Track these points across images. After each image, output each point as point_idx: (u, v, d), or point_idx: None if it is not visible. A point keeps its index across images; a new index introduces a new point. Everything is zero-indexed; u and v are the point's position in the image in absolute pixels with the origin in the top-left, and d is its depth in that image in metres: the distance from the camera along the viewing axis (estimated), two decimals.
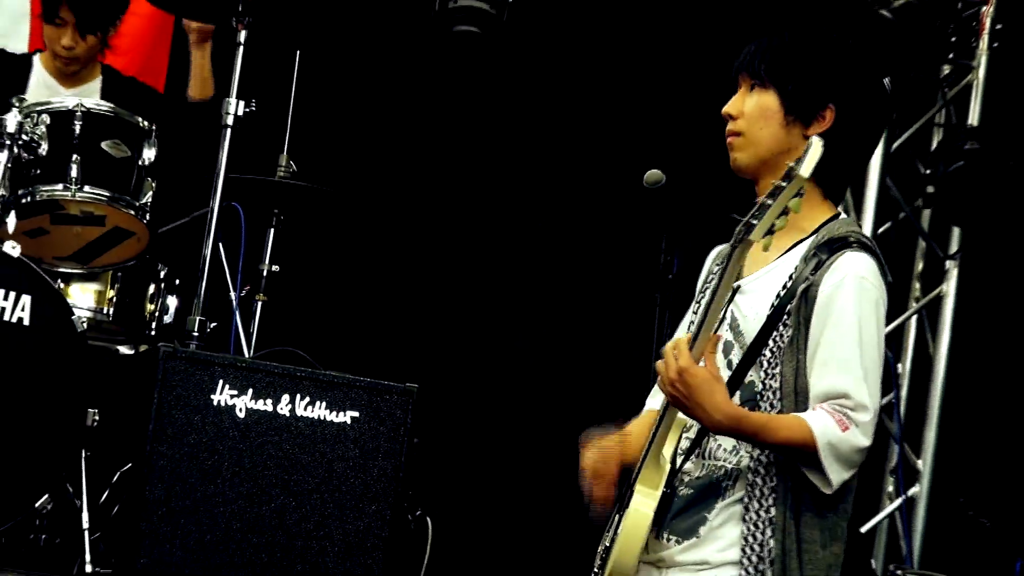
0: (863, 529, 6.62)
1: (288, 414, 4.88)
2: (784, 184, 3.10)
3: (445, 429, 6.59)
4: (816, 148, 3.08)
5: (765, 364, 3.37)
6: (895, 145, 6.88)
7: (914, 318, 6.90)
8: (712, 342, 3.27)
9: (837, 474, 3.27)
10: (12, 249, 4.94)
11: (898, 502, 6.64)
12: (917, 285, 6.95)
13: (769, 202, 3.11)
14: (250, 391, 4.87)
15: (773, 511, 3.32)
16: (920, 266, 6.98)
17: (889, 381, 6.60)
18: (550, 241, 7.27)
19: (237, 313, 5.85)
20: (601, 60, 7.19)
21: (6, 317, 4.91)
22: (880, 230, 6.78)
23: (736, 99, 3.53)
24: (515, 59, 7.16)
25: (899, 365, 6.87)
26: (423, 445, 5.34)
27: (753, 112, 3.49)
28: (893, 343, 6.80)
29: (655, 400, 3.63)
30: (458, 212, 7.29)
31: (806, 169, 3.06)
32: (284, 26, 6.01)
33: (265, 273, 6.08)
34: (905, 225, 6.89)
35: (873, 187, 6.76)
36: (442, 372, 6.76)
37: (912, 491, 6.68)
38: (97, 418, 5.06)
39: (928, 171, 6.77)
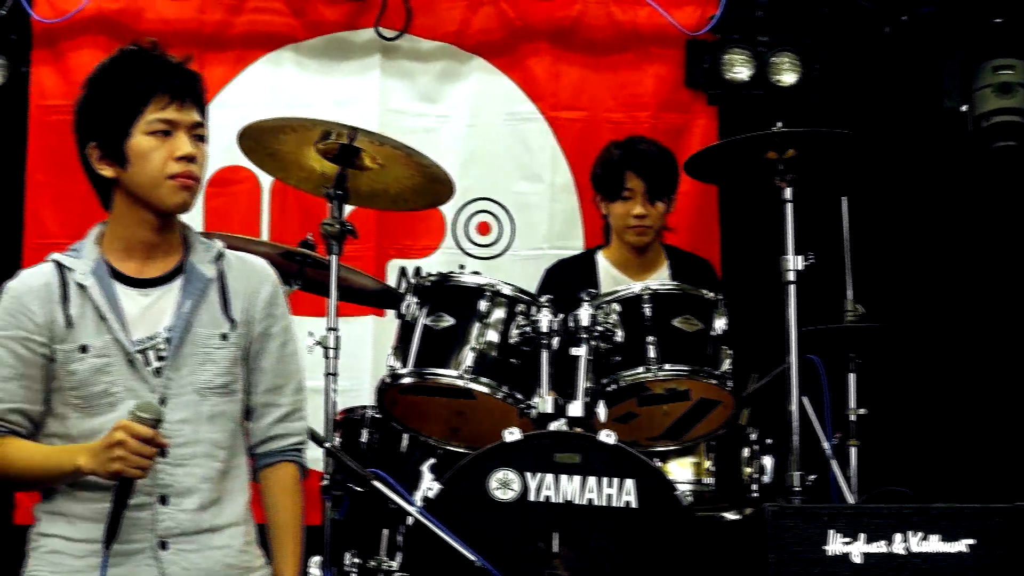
0: None
1: (904, 552, 4.85)
2: None
3: None
4: None
5: None
6: None
7: None
8: None
9: None
10: (608, 437, 5.08)
11: None
12: None
13: None
14: (862, 536, 4.87)
15: None
16: None
17: None
18: None
19: (834, 462, 5.86)
20: None
21: (614, 503, 5.04)
22: None
23: None
24: None
25: None
26: None
27: None
28: None
29: None
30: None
31: None
32: (826, 177, 6.06)
33: (853, 418, 6.13)
34: None
35: None
36: None
37: None
38: None
39: None
